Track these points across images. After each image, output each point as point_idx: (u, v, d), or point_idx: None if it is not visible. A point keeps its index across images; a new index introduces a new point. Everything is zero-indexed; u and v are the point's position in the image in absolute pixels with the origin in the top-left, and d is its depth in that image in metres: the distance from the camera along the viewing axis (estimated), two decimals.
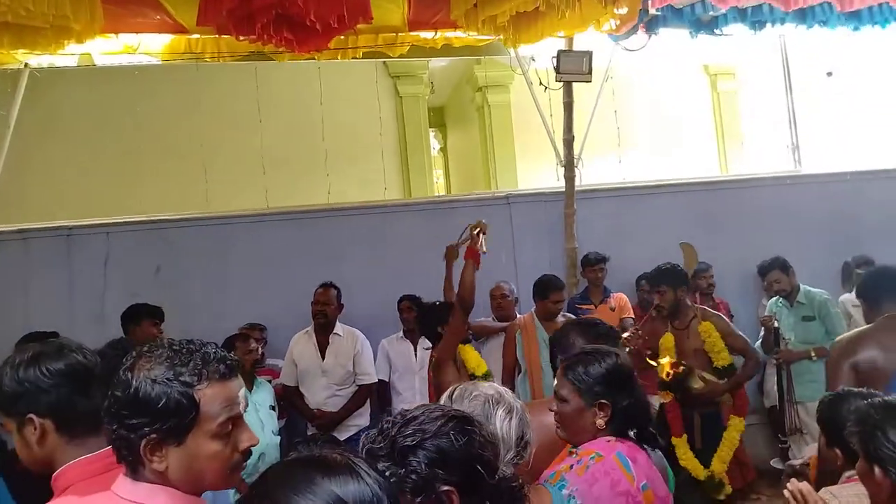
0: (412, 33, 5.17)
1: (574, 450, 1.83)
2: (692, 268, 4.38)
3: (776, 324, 4.43)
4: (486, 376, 3.35)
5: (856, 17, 5.20)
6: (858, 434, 1.66)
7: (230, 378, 1.27)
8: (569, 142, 5.49)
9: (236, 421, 1.27)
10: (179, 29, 4.70)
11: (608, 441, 1.81)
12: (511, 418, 1.65)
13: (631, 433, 1.86)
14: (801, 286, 4.78)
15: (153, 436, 1.18)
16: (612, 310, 5.00)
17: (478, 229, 3.50)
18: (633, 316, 5.00)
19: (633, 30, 4.96)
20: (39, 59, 4.82)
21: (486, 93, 8.59)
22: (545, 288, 4.26)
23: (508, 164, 8.40)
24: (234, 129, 6.92)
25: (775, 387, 4.50)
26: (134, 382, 1.19)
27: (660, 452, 1.98)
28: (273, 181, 6.09)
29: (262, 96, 6.08)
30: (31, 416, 1.41)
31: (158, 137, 6.87)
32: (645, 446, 1.85)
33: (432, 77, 8.58)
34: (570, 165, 5.51)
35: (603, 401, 1.84)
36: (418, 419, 1.33)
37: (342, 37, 4.90)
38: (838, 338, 2.97)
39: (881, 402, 1.66)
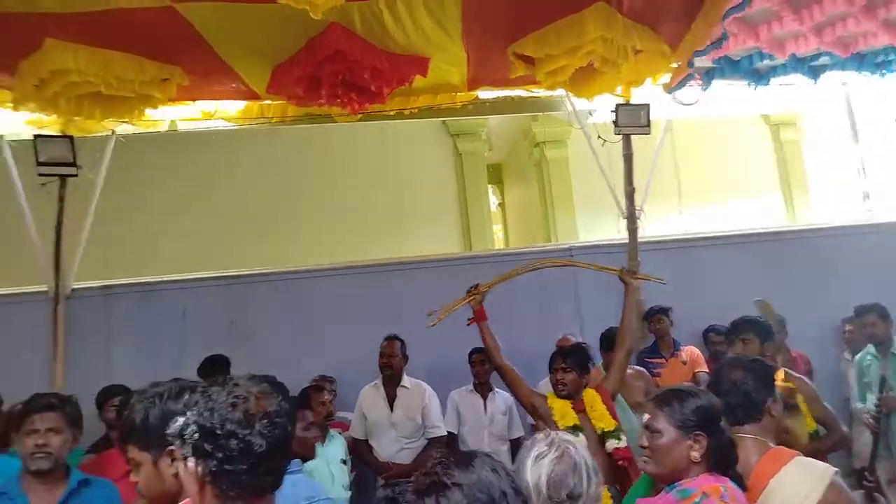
0: (471, 92, 5.34)
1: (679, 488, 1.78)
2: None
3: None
4: (576, 429, 3.17)
5: None
6: None
7: None
8: (630, 194, 5.48)
9: None
10: (252, 95, 4.98)
11: (714, 477, 1.77)
12: (541, 461, 1.63)
13: None
14: None
15: None
16: (684, 363, 4.88)
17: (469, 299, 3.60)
18: (706, 370, 4.85)
19: (687, 80, 4.98)
20: (124, 127, 5.16)
21: (543, 148, 8.70)
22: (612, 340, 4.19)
23: (568, 218, 8.42)
24: (304, 189, 7.21)
25: (868, 445, 4.23)
26: None
27: None
28: (340, 237, 6.28)
29: (330, 157, 6.34)
30: (173, 448, 1.44)
31: (232, 197, 7.20)
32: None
33: (490, 134, 8.77)
34: (632, 217, 5.49)
35: (699, 432, 1.82)
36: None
37: (402, 98, 5.11)
38: None
39: None
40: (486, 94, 5.34)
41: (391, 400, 4.43)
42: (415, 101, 5.30)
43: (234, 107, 5.15)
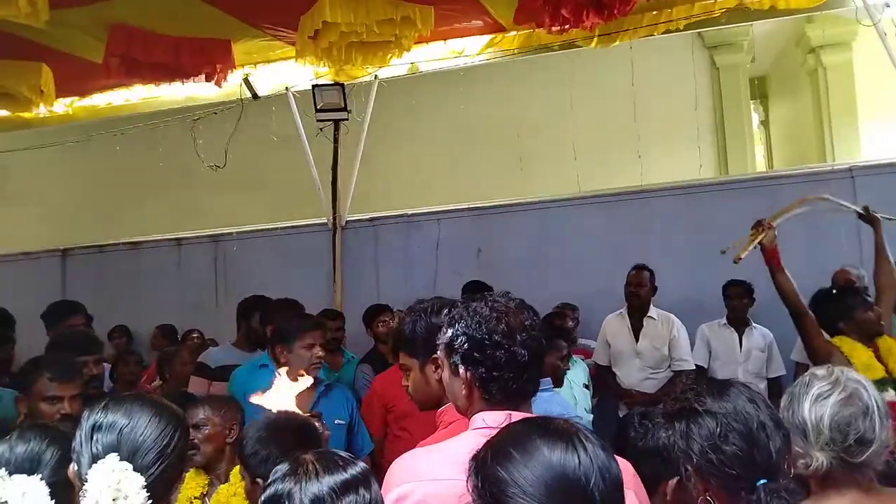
0: None
1: None
2: None
3: None
4: (883, 383, 2.78)
5: None
6: None
7: None
8: None
9: None
10: (498, 28, 5.03)
11: None
12: (824, 401, 1.48)
13: None
14: None
15: None
16: None
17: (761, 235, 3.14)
18: None
19: None
20: (384, 72, 5.58)
21: (820, 54, 7.53)
22: None
23: (850, 134, 7.28)
24: (547, 118, 7.21)
25: None
26: None
27: None
28: (584, 165, 6.21)
29: (574, 83, 6.23)
30: (437, 356, 1.62)
31: (480, 131, 7.48)
32: None
33: (754, 43, 7.83)
34: None
35: None
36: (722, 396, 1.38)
37: (655, 12, 4.76)
38: None
39: None
40: None
41: (636, 330, 4.40)
42: (668, 14, 4.91)
43: (479, 43, 5.27)
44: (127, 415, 1.35)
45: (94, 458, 1.30)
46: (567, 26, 4.25)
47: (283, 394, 1.95)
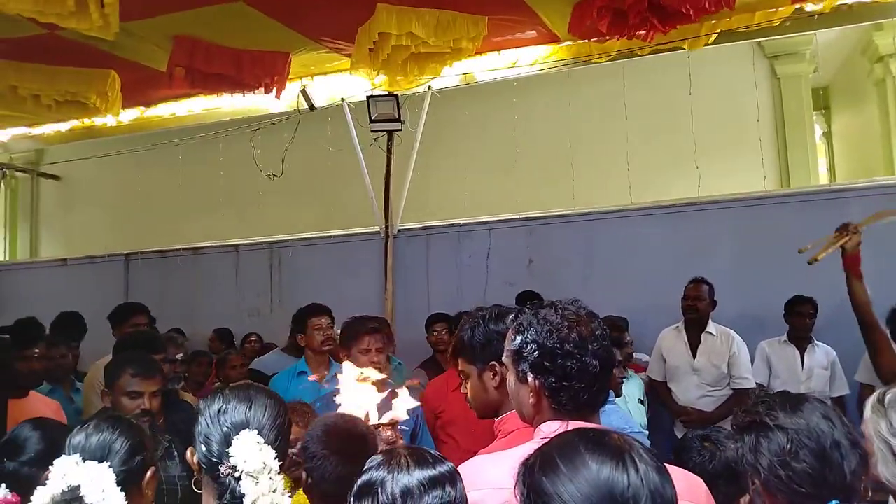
0: (795, 5, 4.64)
1: None
2: None
3: None
4: None
5: None
6: None
7: None
8: None
9: None
10: (553, 39, 5.02)
11: None
12: None
13: None
14: None
15: None
16: None
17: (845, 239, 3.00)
18: None
19: None
20: (437, 83, 5.62)
21: (889, 63, 7.24)
22: None
23: None
24: (600, 128, 7.14)
25: None
26: None
27: None
28: (639, 176, 6.12)
29: (628, 92, 6.16)
30: (494, 363, 1.64)
31: (533, 141, 7.45)
32: None
33: (817, 52, 7.58)
34: None
35: None
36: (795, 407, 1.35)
37: (713, 21, 4.66)
38: None
39: None
40: (813, 6, 4.60)
41: (694, 345, 4.28)
42: (728, 23, 4.81)
43: (534, 53, 5.26)
44: (246, 399, 1.47)
45: (226, 437, 1.40)
46: (624, 35, 4.23)
47: (359, 395, 1.99)
